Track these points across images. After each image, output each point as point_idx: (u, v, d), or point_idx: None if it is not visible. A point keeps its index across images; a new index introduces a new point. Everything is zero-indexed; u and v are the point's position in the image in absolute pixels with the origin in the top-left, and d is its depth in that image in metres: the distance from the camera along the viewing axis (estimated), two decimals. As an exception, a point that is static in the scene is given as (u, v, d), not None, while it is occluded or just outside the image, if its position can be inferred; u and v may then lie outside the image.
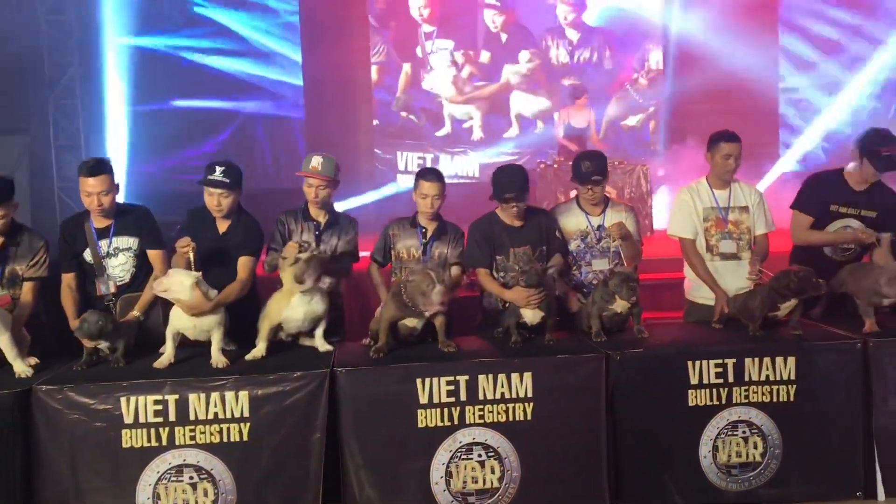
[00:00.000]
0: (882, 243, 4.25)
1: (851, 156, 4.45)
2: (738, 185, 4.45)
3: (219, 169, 4.02)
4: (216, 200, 4.04)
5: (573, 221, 4.36)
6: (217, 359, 3.58)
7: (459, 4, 10.92)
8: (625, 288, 3.83)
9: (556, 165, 8.91)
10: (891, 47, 10.74)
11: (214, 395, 3.40)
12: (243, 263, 3.99)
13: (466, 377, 3.54)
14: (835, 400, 3.74)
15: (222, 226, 4.12)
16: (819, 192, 4.47)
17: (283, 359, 3.66)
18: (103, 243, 4.00)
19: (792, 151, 10.98)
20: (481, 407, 3.55)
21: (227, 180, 4.01)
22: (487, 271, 4.13)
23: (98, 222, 4.00)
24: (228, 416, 3.40)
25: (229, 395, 3.41)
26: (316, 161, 4.22)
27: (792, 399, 3.72)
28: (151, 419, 3.37)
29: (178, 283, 3.55)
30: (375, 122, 10.92)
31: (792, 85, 11.27)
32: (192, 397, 3.39)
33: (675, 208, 4.49)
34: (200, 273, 3.63)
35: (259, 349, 3.68)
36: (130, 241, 4.03)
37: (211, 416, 3.40)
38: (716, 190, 4.41)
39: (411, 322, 3.77)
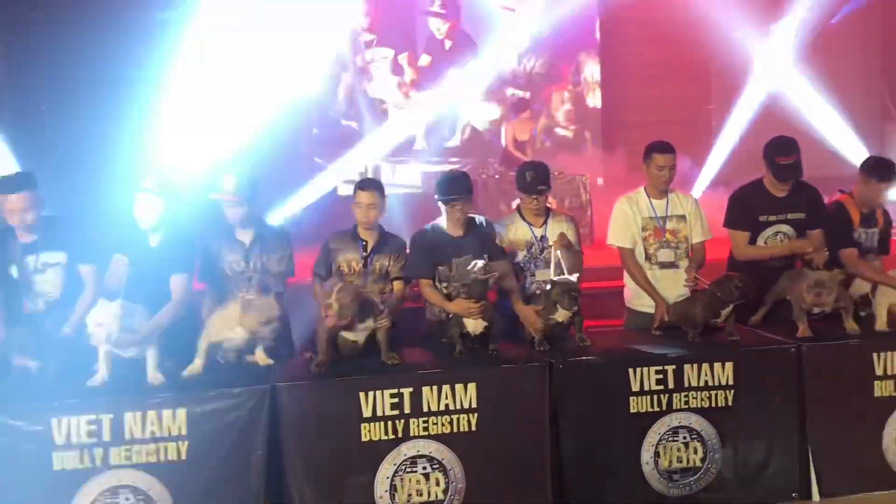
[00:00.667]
0: (814, 243, 4.37)
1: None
2: (675, 195, 4.53)
3: (150, 178, 3.88)
4: (143, 211, 3.86)
5: (518, 233, 4.38)
6: (153, 376, 3.48)
7: (399, 13, 10.90)
8: (566, 298, 3.86)
9: (497, 176, 8.97)
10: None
11: (151, 414, 3.31)
12: (177, 283, 3.82)
13: (410, 389, 3.51)
14: (771, 403, 3.83)
15: (154, 238, 3.97)
16: (746, 206, 4.56)
17: (223, 375, 3.58)
18: (30, 259, 3.85)
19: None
20: (426, 419, 3.53)
21: (158, 189, 3.86)
22: (430, 282, 4.12)
23: (24, 237, 3.85)
24: (166, 434, 3.31)
25: (166, 413, 3.31)
26: (228, 181, 4.08)
27: (730, 404, 3.80)
28: (85, 440, 3.25)
29: (106, 314, 3.41)
30: (315, 130, 10.81)
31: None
32: (127, 416, 3.29)
33: (614, 218, 4.52)
34: (121, 301, 3.47)
35: (196, 365, 3.59)
36: (59, 257, 3.88)
37: (147, 435, 3.30)
38: (653, 199, 4.48)
39: (351, 336, 3.73)
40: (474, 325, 3.84)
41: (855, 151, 10.25)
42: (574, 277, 4.06)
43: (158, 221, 3.89)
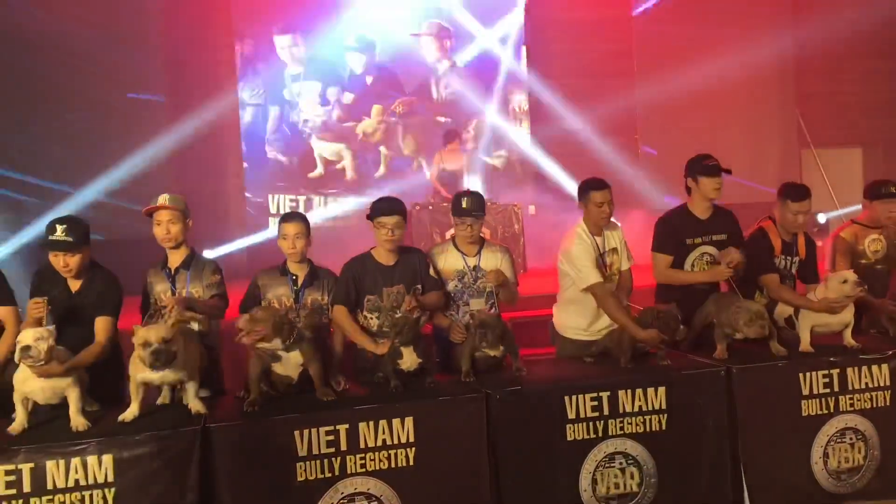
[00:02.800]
0: (729, 263, 4.43)
1: (686, 186, 4.68)
2: (607, 228, 4.58)
3: (59, 228, 3.69)
4: (62, 262, 3.72)
5: (450, 262, 4.38)
6: (77, 421, 3.33)
7: (325, 46, 10.90)
8: (489, 336, 3.91)
9: (430, 207, 8.99)
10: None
11: (75, 461, 3.17)
12: (102, 326, 3.72)
13: (346, 426, 3.46)
14: (704, 426, 3.90)
15: (74, 284, 3.83)
16: (671, 231, 4.66)
17: (152, 418, 3.45)
18: None
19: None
20: (363, 455, 3.47)
21: (71, 239, 3.69)
22: (346, 310, 4.10)
23: None
24: (91, 482, 3.17)
25: (91, 459, 3.18)
26: (163, 197, 4.04)
27: (664, 428, 3.85)
28: (2, 492, 3.09)
29: (37, 334, 3.28)
30: (245, 165, 10.68)
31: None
32: (49, 465, 3.14)
33: (579, 259, 4.35)
34: (53, 327, 3.38)
35: (131, 409, 3.44)
36: None
37: (71, 484, 3.16)
38: (595, 236, 4.49)
39: (279, 369, 3.65)
40: (409, 362, 3.81)
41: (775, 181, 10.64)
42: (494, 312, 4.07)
43: (77, 270, 3.77)
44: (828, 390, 4.03)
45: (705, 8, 11.47)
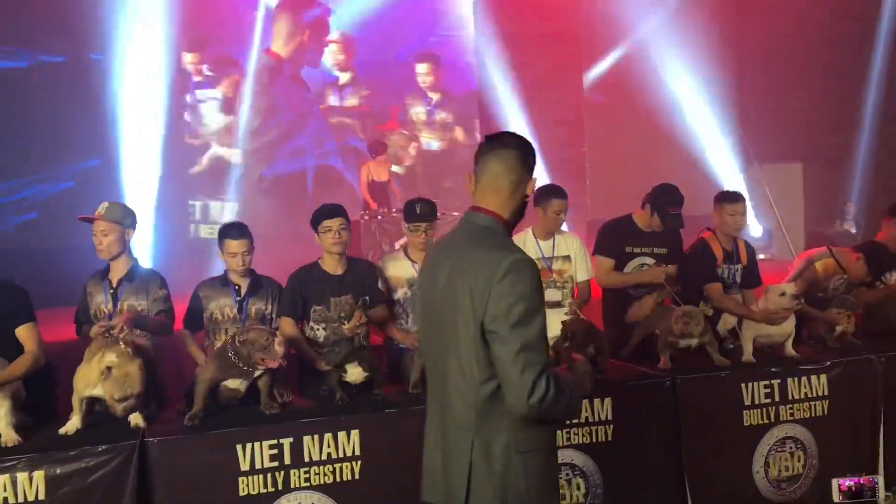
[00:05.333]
0: (667, 270, 4.60)
1: (641, 203, 4.76)
2: (562, 236, 4.66)
3: None
4: None
5: (401, 270, 4.37)
6: (8, 436, 3.19)
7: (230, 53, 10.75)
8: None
9: (380, 217, 8.92)
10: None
11: (3, 478, 3.03)
12: (26, 334, 3.51)
13: (290, 439, 3.39)
14: (649, 436, 3.93)
15: None
16: (615, 237, 4.76)
17: (88, 432, 3.33)
18: None
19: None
20: (307, 469, 3.41)
21: None
22: (291, 321, 4.05)
23: None
24: (21, 500, 3.04)
25: (21, 476, 3.05)
26: (102, 207, 3.94)
27: (610, 439, 3.86)
28: (-74, 512, 2.96)
29: None
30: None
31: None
32: (-25, 483, 3.01)
33: None
34: None
35: (73, 423, 3.32)
36: None
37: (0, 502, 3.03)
38: (540, 241, 4.59)
39: (234, 384, 3.56)
40: (355, 375, 3.75)
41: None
42: None
43: None
44: (769, 400, 4.10)
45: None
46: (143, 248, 8.54)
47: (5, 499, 3.03)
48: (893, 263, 5.18)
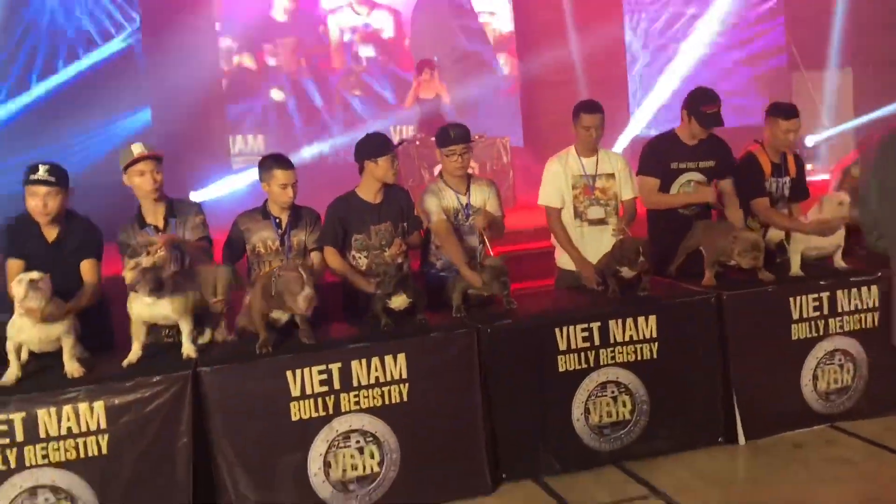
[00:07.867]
0: (725, 193, 4.50)
1: (680, 115, 4.62)
2: (605, 153, 4.54)
3: (42, 168, 3.61)
4: (42, 202, 3.61)
5: (446, 200, 4.32)
6: (71, 367, 3.30)
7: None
8: (496, 284, 3.86)
9: (417, 143, 8.85)
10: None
11: (67, 409, 3.16)
12: (88, 268, 3.70)
13: (339, 364, 3.45)
14: (695, 353, 3.92)
15: (51, 233, 3.72)
16: (658, 154, 4.62)
17: (142, 363, 3.42)
18: None
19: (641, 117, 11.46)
20: (356, 393, 3.48)
21: (53, 178, 3.61)
22: (335, 251, 4.07)
23: None
24: (84, 429, 3.17)
25: (83, 406, 3.17)
26: (138, 147, 3.85)
27: (655, 356, 3.86)
28: (-4, 441, 3.10)
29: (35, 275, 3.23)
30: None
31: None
32: (41, 413, 3.14)
33: (544, 178, 4.51)
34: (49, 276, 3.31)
35: (134, 351, 3.43)
36: None
37: (64, 432, 3.15)
38: (583, 158, 4.48)
39: (276, 313, 3.62)
40: (399, 302, 3.77)
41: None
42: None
43: (55, 213, 3.67)
44: (817, 314, 4.05)
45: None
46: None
47: (69, 428, 3.16)
48: None
